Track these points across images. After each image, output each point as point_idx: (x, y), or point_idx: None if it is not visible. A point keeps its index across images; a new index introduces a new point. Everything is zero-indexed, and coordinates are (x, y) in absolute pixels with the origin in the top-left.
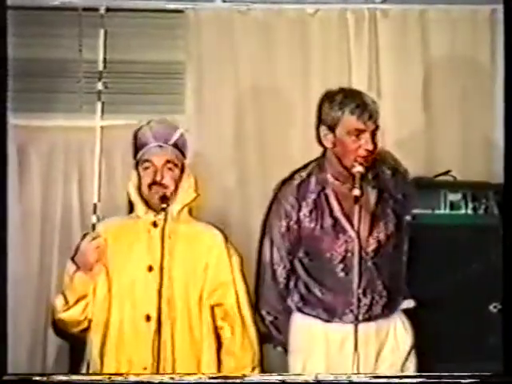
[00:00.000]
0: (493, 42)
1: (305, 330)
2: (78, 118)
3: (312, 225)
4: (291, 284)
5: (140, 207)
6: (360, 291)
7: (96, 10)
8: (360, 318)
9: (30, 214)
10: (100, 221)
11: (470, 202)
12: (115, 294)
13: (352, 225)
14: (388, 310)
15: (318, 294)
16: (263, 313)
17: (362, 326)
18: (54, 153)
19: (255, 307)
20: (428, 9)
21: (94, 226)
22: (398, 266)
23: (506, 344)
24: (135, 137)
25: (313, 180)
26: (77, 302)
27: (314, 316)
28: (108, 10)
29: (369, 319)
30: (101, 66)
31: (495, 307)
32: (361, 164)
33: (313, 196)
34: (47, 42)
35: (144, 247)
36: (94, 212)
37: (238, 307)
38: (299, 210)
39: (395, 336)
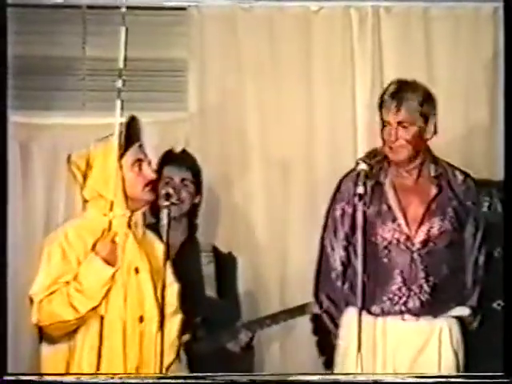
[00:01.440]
0: (495, 39)
1: (347, 321)
2: (81, 116)
3: (364, 209)
4: (348, 273)
5: (120, 207)
6: (400, 280)
7: (99, 7)
8: (396, 308)
9: (33, 211)
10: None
11: None
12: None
13: (404, 214)
14: (432, 309)
15: (365, 280)
16: (321, 301)
17: (400, 322)
18: (56, 150)
19: (315, 295)
20: (431, 6)
21: (110, 223)
22: (452, 268)
23: (506, 344)
24: (127, 129)
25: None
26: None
27: (357, 306)
28: (111, 7)
29: (407, 312)
30: (121, 64)
31: (499, 305)
32: (364, 161)
33: (371, 182)
34: (50, 40)
35: (124, 248)
36: (111, 209)
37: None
38: (355, 194)
39: (439, 340)
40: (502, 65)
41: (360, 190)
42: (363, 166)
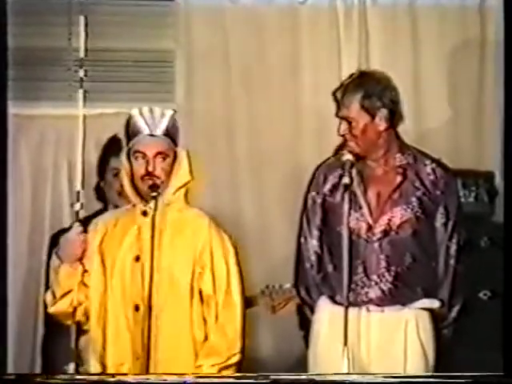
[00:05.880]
0: (482, 31)
1: (319, 311)
2: (68, 107)
3: (331, 198)
4: (323, 263)
5: (132, 196)
6: (361, 270)
7: None
8: (359, 298)
9: (20, 203)
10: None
11: (460, 190)
12: (109, 286)
13: (368, 203)
14: (395, 299)
15: (330, 270)
16: (299, 290)
17: (364, 312)
18: (43, 141)
19: (294, 283)
20: None
21: (77, 214)
22: (419, 258)
23: (505, 344)
24: (127, 125)
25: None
26: (63, 295)
27: (327, 296)
28: None
29: (369, 302)
30: (82, 54)
31: (485, 295)
32: (350, 152)
33: (340, 171)
34: (37, 31)
35: (132, 237)
36: (78, 200)
37: (225, 297)
38: (324, 183)
39: (405, 334)
40: (490, 56)
41: (346, 180)
42: (349, 157)
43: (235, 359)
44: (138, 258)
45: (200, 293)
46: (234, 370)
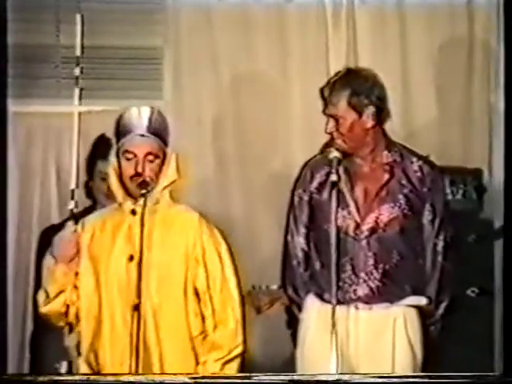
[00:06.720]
0: (470, 28)
1: (307, 309)
2: (56, 104)
3: (318, 196)
4: (310, 261)
5: (119, 195)
6: (349, 268)
7: None
8: (347, 296)
9: (8, 200)
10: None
11: (448, 187)
12: (102, 286)
13: (355, 201)
14: (384, 296)
15: (318, 268)
16: (286, 288)
17: (352, 310)
18: (31, 139)
19: (281, 281)
20: None
21: (72, 212)
22: (407, 255)
23: (505, 344)
24: (117, 124)
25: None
26: (58, 294)
27: (315, 294)
28: None
29: (358, 300)
30: (78, 52)
31: (473, 292)
32: (337, 149)
33: (327, 169)
34: (25, 28)
35: (124, 236)
36: (72, 198)
37: (221, 290)
38: (311, 180)
39: (393, 331)
40: (478, 52)
41: (333, 177)
42: (336, 154)
43: (238, 351)
44: (131, 258)
45: (195, 288)
46: (238, 362)
